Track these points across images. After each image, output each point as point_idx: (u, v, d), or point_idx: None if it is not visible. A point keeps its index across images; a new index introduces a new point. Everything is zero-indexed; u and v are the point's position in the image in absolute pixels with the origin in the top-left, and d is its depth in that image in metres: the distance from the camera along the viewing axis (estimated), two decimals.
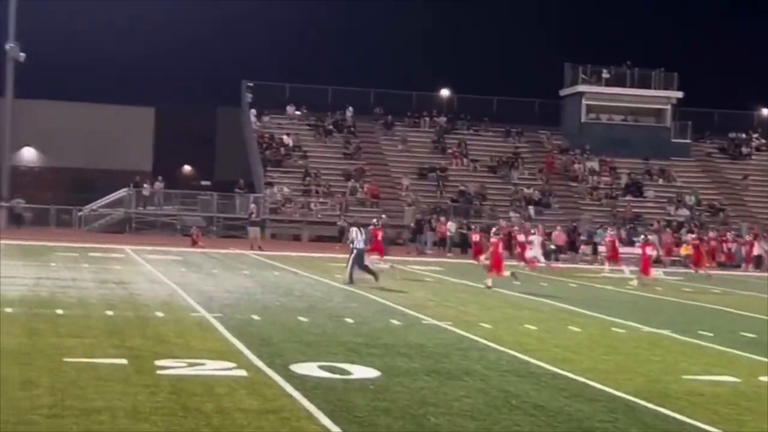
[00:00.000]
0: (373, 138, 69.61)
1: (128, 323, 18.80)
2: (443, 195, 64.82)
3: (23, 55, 60.16)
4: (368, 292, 27.22)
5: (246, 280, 29.80)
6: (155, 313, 20.53)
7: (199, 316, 20.38)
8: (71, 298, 22.44)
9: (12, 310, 19.87)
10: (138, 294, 24.16)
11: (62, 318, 19.13)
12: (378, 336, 18.65)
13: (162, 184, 61.93)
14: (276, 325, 19.52)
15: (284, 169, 64.89)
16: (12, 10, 59.99)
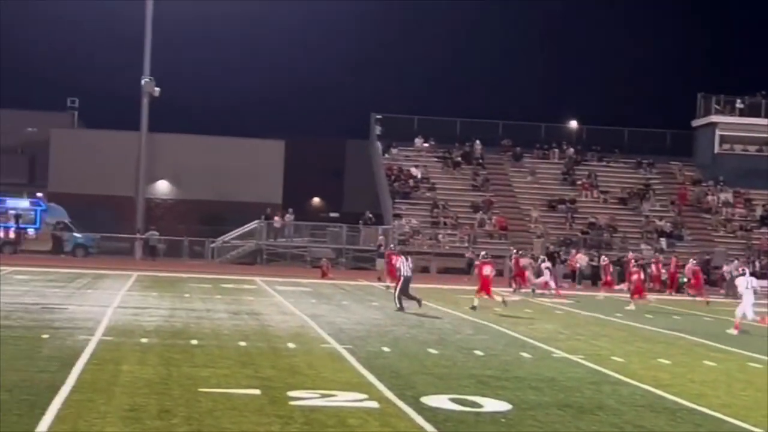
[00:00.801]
0: (501, 170, 69.41)
1: (261, 354, 19.01)
2: (573, 227, 64.23)
3: (158, 90, 61.65)
4: (497, 324, 27.07)
5: (375, 312, 29.88)
6: (287, 344, 20.72)
7: (330, 348, 20.51)
8: (205, 329, 22.81)
9: (148, 340, 20.28)
10: (270, 325, 24.43)
11: (197, 348, 19.44)
12: (508, 369, 18.51)
13: (292, 216, 62.65)
14: (406, 357, 19.53)
15: (412, 200, 65.10)
16: (147, 45, 61.62)
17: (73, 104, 78.25)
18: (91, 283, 36.57)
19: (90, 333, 20.89)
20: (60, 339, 19.80)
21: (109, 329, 21.82)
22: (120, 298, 30.32)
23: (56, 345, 18.95)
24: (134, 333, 21.34)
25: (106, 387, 14.70)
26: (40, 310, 25.41)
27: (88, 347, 18.70)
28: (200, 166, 69.43)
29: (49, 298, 29.45)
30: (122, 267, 47.74)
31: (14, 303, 27.06)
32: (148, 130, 63.07)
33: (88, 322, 22.98)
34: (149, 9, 61.35)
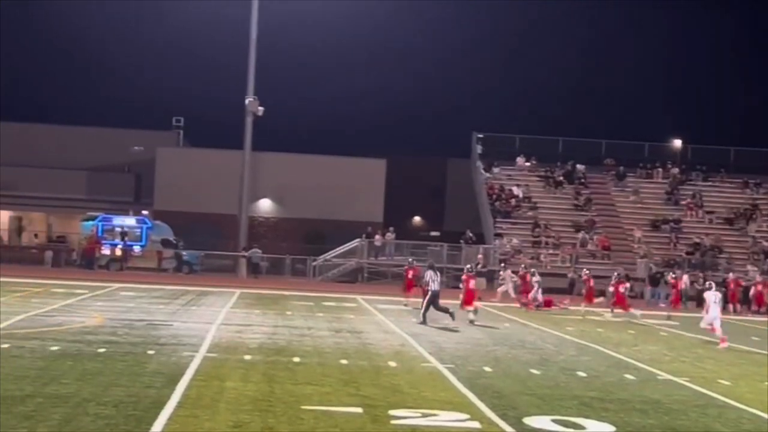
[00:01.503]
0: (604, 189, 68.75)
1: (362, 372, 19.06)
2: (677, 247, 63.30)
3: (262, 109, 62.34)
4: (600, 345, 26.78)
5: (476, 331, 29.77)
6: (388, 362, 20.75)
7: (431, 367, 20.48)
8: (307, 346, 22.95)
9: (251, 357, 20.47)
10: (371, 343, 24.49)
11: (299, 366, 19.57)
12: (612, 390, 18.30)
13: (393, 234, 62.74)
14: (508, 376, 19.42)
15: (514, 220, 64.79)
16: (251, 65, 62.34)
17: (178, 123, 79.44)
18: (195, 300, 37.06)
19: (194, 349, 21.16)
20: (165, 355, 20.09)
21: (213, 346, 22.08)
22: (223, 315, 30.67)
23: (161, 361, 19.23)
24: (238, 350, 21.56)
25: (210, 403, 14.88)
26: (145, 327, 25.81)
27: (192, 363, 18.94)
28: (303, 184, 69.96)
29: (154, 314, 29.90)
30: (225, 284, 48.30)
31: (120, 319, 27.54)
32: (251, 149, 63.78)
33: (192, 339, 23.28)
34: (253, 29, 62.12)
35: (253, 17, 61.92)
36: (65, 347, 20.48)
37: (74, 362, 18.43)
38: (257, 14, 61.93)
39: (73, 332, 23.58)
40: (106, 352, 20.15)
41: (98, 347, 20.76)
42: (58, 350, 19.97)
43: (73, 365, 18.04)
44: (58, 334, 23.00)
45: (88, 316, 28.31)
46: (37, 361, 18.28)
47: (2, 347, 19.96)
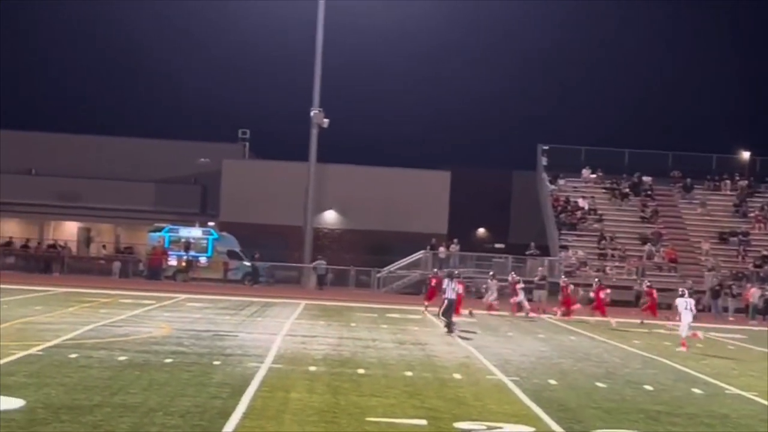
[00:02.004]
0: (671, 201, 68.10)
1: (427, 384, 19.05)
2: (745, 260, 62.50)
3: (327, 121, 62.58)
4: (667, 359, 26.52)
5: (541, 344, 29.63)
6: (453, 374, 20.72)
7: (496, 379, 20.42)
8: (372, 358, 22.98)
9: (316, 368, 20.55)
10: (435, 355, 24.46)
11: (364, 377, 19.60)
12: (679, 404, 18.12)
13: (457, 246, 62.63)
14: (573, 390, 19.31)
15: (579, 232, 64.39)
16: (317, 77, 62.64)
17: (244, 135, 79.98)
18: (260, 311, 37.27)
19: (260, 360, 21.28)
20: (231, 366, 20.23)
21: (278, 357, 22.19)
22: (288, 326, 30.81)
23: (227, 372, 19.36)
24: (303, 361, 21.65)
25: (276, 414, 14.96)
26: (211, 337, 26.00)
27: (258, 374, 19.05)
28: (367, 196, 70.10)
29: (220, 325, 30.12)
30: (290, 295, 48.51)
31: (187, 330, 27.77)
32: (316, 161, 64.05)
33: (257, 350, 23.42)
34: (319, 41, 62.42)
35: (318, 29, 62.23)
36: (132, 357, 20.70)
37: (141, 372, 18.62)
38: (323, 26, 62.23)
39: (141, 342, 23.82)
40: (173, 362, 20.33)
41: (165, 357, 20.96)
42: (125, 360, 20.19)
43: (140, 375, 18.23)
44: (125, 344, 23.25)
45: (155, 326, 28.59)
46: (105, 371, 18.50)
47: (71, 357, 20.23)
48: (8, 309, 31.95)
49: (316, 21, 62.36)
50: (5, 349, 20.91)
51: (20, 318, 28.71)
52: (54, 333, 24.78)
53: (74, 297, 39.40)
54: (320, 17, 62.15)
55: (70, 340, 23.58)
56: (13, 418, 13.93)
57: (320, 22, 62.20)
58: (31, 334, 24.54)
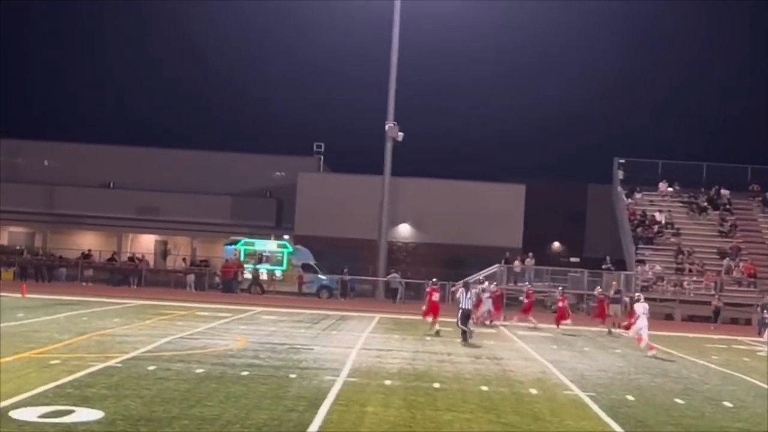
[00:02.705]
0: (749, 215, 67.12)
1: (503, 399, 18.95)
2: None
3: (401, 135, 62.66)
4: (746, 375, 26.11)
5: (618, 359, 29.33)
6: (529, 389, 20.59)
7: (573, 395, 20.25)
8: (447, 372, 22.92)
9: (392, 382, 20.54)
10: (511, 370, 24.33)
11: (439, 392, 19.55)
12: (760, 422, 17.85)
13: (532, 260, 62.29)
14: (651, 406, 19.08)
15: (656, 246, 63.70)
16: (392, 90, 62.77)
17: (319, 149, 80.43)
18: (335, 325, 37.35)
19: (335, 374, 21.33)
20: (307, 379, 20.29)
21: (353, 370, 22.22)
22: (363, 340, 30.85)
23: (303, 385, 19.43)
24: (378, 375, 21.65)
25: (352, 428, 14.97)
26: (287, 350, 26.11)
27: (333, 388, 19.09)
28: (441, 209, 70.07)
29: (295, 338, 30.23)
30: (365, 309, 48.58)
31: (263, 343, 27.92)
32: (391, 174, 64.14)
33: (333, 363, 23.47)
34: (394, 55, 62.59)
35: (393, 43, 62.40)
36: (209, 370, 20.85)
37: (218, 385, 18.74)
38: (398, 40, 62.38)
39: (217, 355, 23.99)
40: (249, 375, 20.44)
41: (241, 370, 21.08)
42: (202, 373, 20.34)
43: (217, 388, 18.35)
44: (202, 356, 23.43)
45: (231, 339, 28.79)
46: (182, 384, 18.65)
47: (149, 369, 20.43)
48: (87, 321, 32.40)
49: (391, 35, 62.55)
50: (84, 361, 21.20)
51: (99, 330, 29.08)
52: (132, 345, 25.06)
53: (151, 309, 39.83)
54: (395, 31, 62.33)
55: (147, 352, 23.82)
56: (92, 429, 14.10)
57: (395, 36, 62.39)
58: (109, 346, 24.84)
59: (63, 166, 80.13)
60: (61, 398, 16.20)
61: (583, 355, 30.32)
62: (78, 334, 27.33)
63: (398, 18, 62.04)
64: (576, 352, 30.97)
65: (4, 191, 76.58)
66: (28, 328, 28.84)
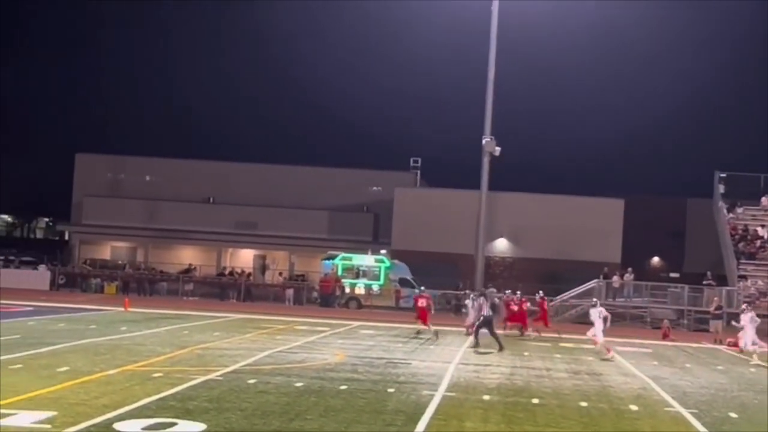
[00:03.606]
0: None
1: (603, 415, 18.79)
2: None
3: (498, 149, 62.40)
4: None
5: (720, 376, 28.86)
6: (629, 406, 20.38)
7: (674, 411, 19.99)
8: (546, 388, 22.78)
9: (490, 397, 20.48)
10: (611, 386, 24.09)
11: (538, 407, 19.45)
12: None
13: (631, 275, 61.58)
14: (756, 424, 18.77)
15: (759, 261, 62.55)
16: (488, 105, 62.53)
17: (415, 164, 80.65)
18: (432, 339, 37.34)
19: (433, 388, 21.33)
20: (405, 393, 20.33)
21: (451, 385, 22.20)
22: (461, 355, 30.81)
23: (401, 399, 19.47)
24: (476, 390, 21.61)
25: None
26: (385, 365, 26.18)
27: (432, 402, 19.09)
28: (539, 224, 69.74)
29: (393, 353, 30.30)
30: (461, 324, 48.40)
31: (361, 357, 28.04)
32: (488, 189, 63.91)
33: (431, 378, 23.48)
34: (491, 68, 62.32)
35: (491, 56, 62.17)
36: (308, 383, 21.00)
37: (318, 398, 18.87)
38: (495, 53, 62.19)
39: (316, 369, 24.15)
40: (348, 389, 20.55)
41: (340, 384, 21.20)
42: (302, 386, 20.50)
43: (316, 401, 18.47)
44: (301, 370, 23.61)
45: (329, 353, 28.96)
46: (282, 397, 18.81)
47: (249, 383, 20.64)
48: (188, 335, 32.86)
49: (488, 50, 62.39)
50: (186, 374, 21.50)
51: (200, 344, 29.48)
52: (232, 359, 25.35)
53: (251, 323, 40.25)
54: (492, 44, 62.10)
55: (248, 365, 24.08)
56: None
57: (492, 49, 62.15)
58: (210, 359, 25.16)
59: (164, 182, 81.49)
60: (164, 411, 16.46)
61: (684, 371, 29.89)
62: (179, 348, 27.73)
63: (495, 30, 61.83)
64: (677, 369, 30.55)
65: (108, 207, 78.15)
66: (131, 341, 29.35)
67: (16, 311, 40.64)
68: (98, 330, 32.85)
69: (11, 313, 39.51)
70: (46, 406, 16.14)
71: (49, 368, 21.16)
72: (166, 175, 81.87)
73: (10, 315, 38.10)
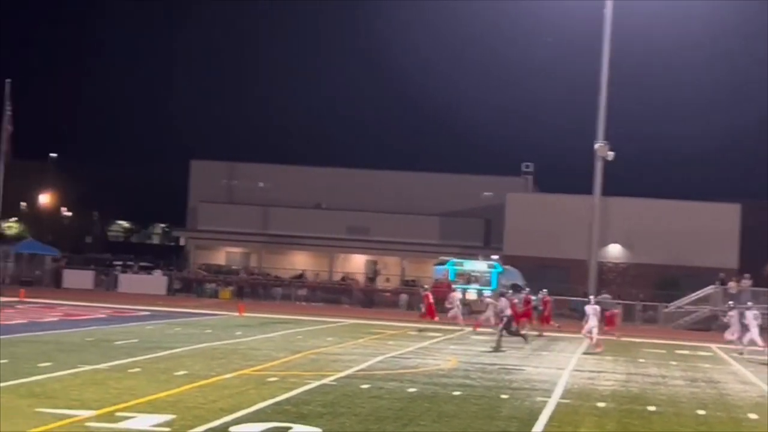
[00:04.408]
0: None
1: (721, 424, 18.48)
2: None
3: (611, 154, 61.73)
4: None
5: None
6: (748, 414, 20.00)
7: None
8: (661, 395, 22.46)
9: (605, 404, 20.27)
10: (728, 394, 23.67)
11: (654, 415, 19.18)
12: None
13: (749, 281, 60.36)
14: None
15: None
16: (601, 109, 61.93)
17: (527, 169, 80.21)
18: (545, 345, 37.13)
19: (547, 395, 21.19)
20: (518, 400, 20.23)
21: (566, 392, 22.03)
22: (575, 361, 30.56)
23: (515, 405, 19.38)
24: (591, 396, 21.41)
25: None
26: (497, 371, 26.09)
27: (546, 409, 18.97)
28: (653, 229, 68.81)
29: (505, 358, 30.18)
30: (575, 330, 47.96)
31: (473, 363, 27.99)
32: (601, 194, 63.25)
33: (544, 384, 23.33)
34: (604, 73, 61.75)
35: (603, 60, 61.59)
36: (421, 389, 21.02)
37: (431, 404, 18.87)
38: (608, 56, 61.53)
39: (429, 374, 24.17)
40: (461, 395, 20.51)
41: (453, 390, 21.17)
42: (415, 392, 20.52)
43: (429, 407, 18.47)
44: (414, 375, 23.64)
45: (442, 358, 28.97)
46: (395, 402, 18.85)
47: (363, 387, 20.74)
48: (302, 339, 33.17)
49: (601, 55, 61.77)
50: (300, 378, 21.70)
51: (313, 348, 29.72)
52: (345, 364, 25.50)
53: (363, 328, 40.47)
54: (605, 48, 61.49)
55: (361, 370, 24.20)
56: None
57: (605, 52, 61.57)
58: (324, 364, 25.35)
59: (276, 188, 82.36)
60: (279, 415, 16.61)
61: None
62: (293, 352, 28.00)
63: (608, 34, 61.24)
64: None
65: (222, 212, 79.31)
66: (246, 345, 29.72)
67: (134, 315, 41.50)
68: (214, 334, 33.34)
69: (129, 317, 40.35)
70: (165, 409, 16.42)
71: (167, 372, 21.54)
72: (278, 181, 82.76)
73: (128, 319, 38.94)
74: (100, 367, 21.82)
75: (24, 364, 21.60)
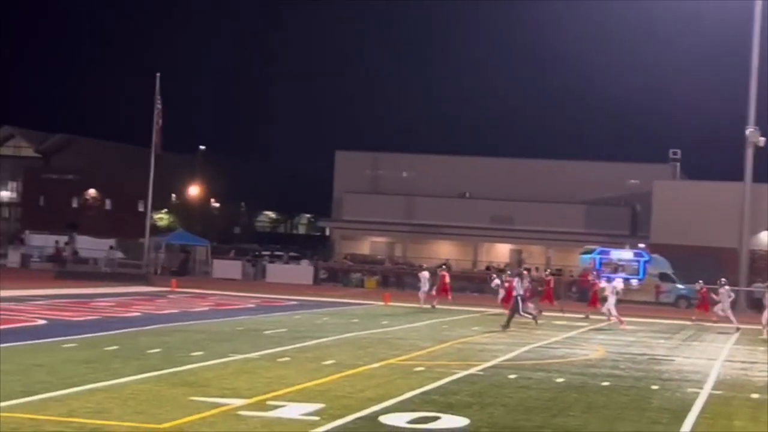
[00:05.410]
0: None
1: None
2: None
3: (763, 140, 60.22)
4: None
5: None
6: None
7: None
8: None
9: (759, 396, 19.80)
10: None
11: None
12: None
13: None
14: None
15: None
16: (752, 93, 60.44)
17: (675, 156, 78.73)
18: (695, 335, 36.47)
19: (698, 386, 20.79)
20: (669, 391, 19.90)
21: (718, 383, 21.59)
22: (727, 352, 29.94)
23: (666, 397, 19.07)
24: (744, 388, 20.94)
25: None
26: (647, 361, 25.71)
27: (698, 400, 18.62)
28: None
29: (655, 349, 29.73)
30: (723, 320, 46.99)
31: (621, 353, 27.64)
32: (752, 181, 61.73)
33: (695, 375, 22.91)
34: (755, 55, 60.26)
35: (754, 42, 60.08)
36: (570, 379, 20.83)
37: (579, 395, 18.69)
38: (758, 39, 60.00)
39: (577, 365, 23.95)
40: (610, 385, 20.27)
41: (602, 380, 20.94)
42: (563, 382, 20.35)
43: (578, 398, 18.30)
44: (561, 366, 23.45)
45: (589, 348, 28.69)
46: (544, 393, 18.73)
47: (510, 378, 20.66)
48: (449, 329, 33.22)
49: (752, 36, 60.26)
50: (447, 368, 21.73)
51: (459, 338, 29.74)
52: (492, 353, 25.44)
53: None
54: (756, 29, 59.96)
55: (507, 360, 24.11)
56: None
57: (756, 34, 60.04)
58: (470, 353, 25.34)
59: (420, 177, 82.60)
60: (426, 404, 16.65)
61: None
62: (439, 342, 28.05)
63: (759, 16, 59.70)
64: None
65: (366, 202, 79.91)
66: (392, 335, 29.89)
67: (282, 305, 42.13)
68: (360, 324, 33.62)
69: (278, 307, 40.99)
70: (314, 398, 16.61)
71: (316, 361, 21.78)
72: (421, 170, 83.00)
73: (277, 309, 39.56)
74: (250, 356, 22.20)
75: (177, 353, 22.12)
